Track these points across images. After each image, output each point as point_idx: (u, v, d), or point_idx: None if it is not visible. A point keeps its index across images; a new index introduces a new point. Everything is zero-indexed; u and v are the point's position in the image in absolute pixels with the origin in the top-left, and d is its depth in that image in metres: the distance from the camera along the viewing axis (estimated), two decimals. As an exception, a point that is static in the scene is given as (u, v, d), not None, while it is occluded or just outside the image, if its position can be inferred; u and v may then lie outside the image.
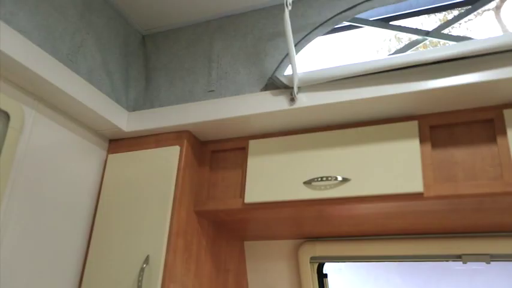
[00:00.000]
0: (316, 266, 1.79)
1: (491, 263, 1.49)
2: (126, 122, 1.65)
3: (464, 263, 1.52)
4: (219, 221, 1.65)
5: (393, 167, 1.31)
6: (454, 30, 1.62)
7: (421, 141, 1.33)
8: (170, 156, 1.55)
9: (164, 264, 1.42)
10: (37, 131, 1.41)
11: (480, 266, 1.68)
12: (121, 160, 1.64)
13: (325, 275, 1.81)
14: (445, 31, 1.55)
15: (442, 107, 1.33)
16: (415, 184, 1.27)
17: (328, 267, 1.83)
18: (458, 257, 1.54)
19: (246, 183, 1.50)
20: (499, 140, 1.23)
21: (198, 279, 1.55)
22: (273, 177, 1.46)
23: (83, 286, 1.50)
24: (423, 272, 1.82)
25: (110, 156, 1.67)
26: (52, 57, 1.38)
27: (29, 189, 1.37)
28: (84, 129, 1.61)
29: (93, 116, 1.54)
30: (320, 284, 1.80)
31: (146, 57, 1.80)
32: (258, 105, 1.46)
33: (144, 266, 1.42)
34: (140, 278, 1.40)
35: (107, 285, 1.46)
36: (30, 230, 1.37)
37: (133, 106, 1.70)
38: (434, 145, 1.32)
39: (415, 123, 1.35)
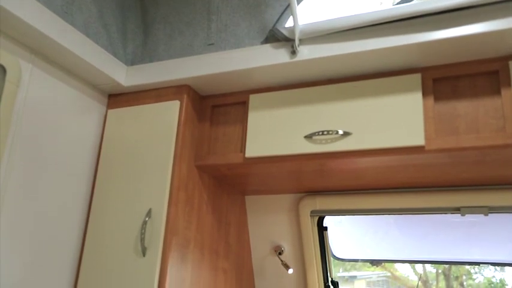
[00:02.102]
0: (316, 219, 1.82)
1: (489, 215, 1.52)
2: (125, 76, 1.63)
3: (463, 215, 1.55)
4: (220, 175, 1.66)
5: (395, 121, 1.31)
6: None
7: (424, 94, 1.31)
8: (170, 111, 1.54)
9: (166, 218, 1.44)
10: (34, 85, 1.40)
11: (477, 218, 1.71)
12: (121, 115, 1.63)
13: (325, 228, 1.84)
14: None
15: (445, 59, 1.31)
16: (416, 137, 1.26)
17: (328, 220, 1.86)
18: (457, 210, 1.56)
19: (247, 137, 1.49)
20: (503, 91, 1.21)
21: (200, 232, 1.57)
22: (273, 132, 1.46)
23: (86, 241, 1.53)
24: (421, 224, 1.85)
25: (110, 111, 1.66)
26: (46, 8, 1.34)
27: (29, 144, 1.37)
28: (83, 83, 1.59)
29: (91, 70, 1.52)
30: (320, 236, 1.84)
31: (144, 9, 1.75)
32: (258, 59, 1.44)
33: (147, 219, 1.44)
34: (143, 231, 1.42)
35: (111, 238, 1.49)
36: (32, 185, 1.38)
37: (131, 60, 1.68)
38: (437, 98, 1.30)
39: (418, 76, 1.33)
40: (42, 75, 1.43)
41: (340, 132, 1.35)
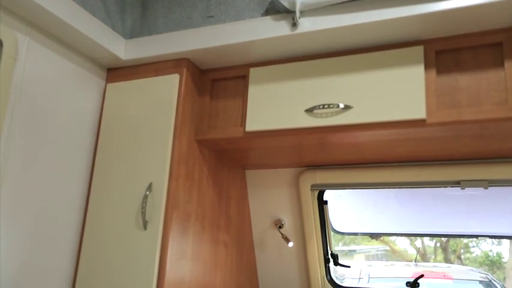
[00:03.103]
0: (316, 193, 1.83)
1: (489, 188, 1.52)
2: (124, 49, 1.61)
3: (463, 188, 1.55)
4: (220, 149, 1.66)
5: (396, 94, 1.29)
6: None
7: (426, 67, 1.30)
8: (170, 85, 1.53)
9: (167, 192, 1.44)
10: (32, 59, 1.38)
11: (477, 191, 1.71)
12: (120, 89, 1.62)
13: (325, 202, 1.85)
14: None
15: (448, 31, 1.29)
16: (417, 111, 1.26)
17: (328, 194, 1.87)
18: (457, 183, 1.57)
19: (247, 111, 1.48)
20: (507, 64, 1.20)
21: (201, 206, 1.58)
22: (274, 105, 1.45)
23: (88, 215, 1.54)
24: (421, 198, 1.86)
25: (109, 85, 1.65)
26: (42, -21, 1.31)
27: (28, 118, 1.37)
28: (81, 57, 1.57)
29: (89, 43, 1.50)
30: (320, 210, 1.85)
31: (141, -19, 1.72)
32: (258, 31, 1.42)
33: (147, 193, 1.44)
34: (144, 205, 1.43)
35: (112, 213, 1.50)
36: (32, 160, 1.38)
37: (130, 33, 1.65)
38: (439, 71, 1.29)
39: (421, 48, 1.31)
40: (39, 49, 1.41)
41: (341, 105, 1.34)
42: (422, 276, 1.76)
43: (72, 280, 1.51)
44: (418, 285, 1.75)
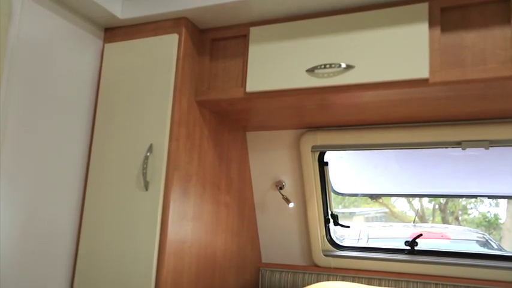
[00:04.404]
0: (317, 154, 1.83)
1: (490, 148, 1.52)
2: (121, 8, 1.57)
3: (464, 149, 1.55)
4: (220, 111, 1.65)
5: (399, 53, 1.27)
6: None
7: (431, 24, 1.26)
8: (168, 45, 1.50)
9: (168, 153, 1.44)
10: (27, 17, 1.35)
11: (477, 152, 1.71)
12: (118, 49, 1.59)
13: (326, 163, 1.85)
14: None
15: (455, -13, 1.25)
16: (420, 70, 1.24)
17: (329, 156, 1.87)
18: (458, 144, 1.56)
19: (248, 72, 1.46)
20: (514, 21, 1.17)
21: (202, 167, 1.58)
22: (275, 66, 1.42)
23: (89, 177, 1.55)
24: (422, 158, 1.86)
25: (107, 45, 1.62)
26: None
27: (26, 78, 1.35)
28: (77, 16, 1.53)
29: (85, 1, 1.46)
30: (321, 171, 1.85)
31: None
32: (259, -12, 1.38)
33: (148, 154, 1.44)
34: (145, 166, 1.43)
35: (113, 174, 1.50)
36: (32, 121, 1.37)
37: (127, -9, 1.61)
38: (444, 29, 1.26)
39: (425, 5, 1.28)
40: (34, 7, 1.37)
41: (343, 65, 1.32)
42: (420, 235, 1.78)
43: (75, 242, 1.53)
44: (417, 245, 1.78)
